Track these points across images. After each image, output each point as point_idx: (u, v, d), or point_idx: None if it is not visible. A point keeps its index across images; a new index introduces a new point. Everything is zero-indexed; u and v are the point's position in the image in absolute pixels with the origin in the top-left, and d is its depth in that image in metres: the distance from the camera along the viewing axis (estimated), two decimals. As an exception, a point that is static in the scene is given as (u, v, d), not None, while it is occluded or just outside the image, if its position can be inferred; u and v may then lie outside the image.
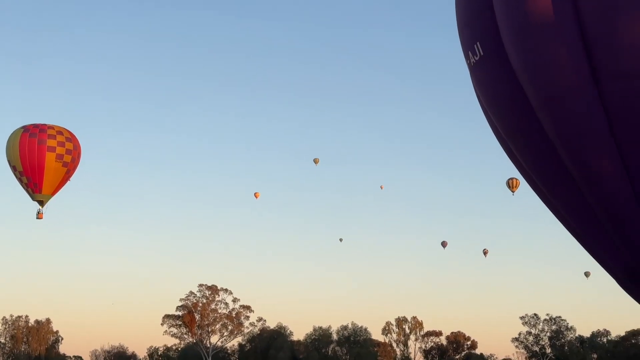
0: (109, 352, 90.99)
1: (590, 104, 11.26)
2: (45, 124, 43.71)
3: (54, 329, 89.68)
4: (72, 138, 43.92)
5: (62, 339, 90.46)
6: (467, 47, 13.15)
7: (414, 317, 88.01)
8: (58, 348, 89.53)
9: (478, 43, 12.72)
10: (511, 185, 48.49)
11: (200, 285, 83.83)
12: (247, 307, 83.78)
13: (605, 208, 11.96)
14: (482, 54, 12.70)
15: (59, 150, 43.10)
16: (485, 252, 62.75)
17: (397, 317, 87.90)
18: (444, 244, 63.89)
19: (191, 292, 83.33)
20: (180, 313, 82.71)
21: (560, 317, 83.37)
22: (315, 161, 65.76)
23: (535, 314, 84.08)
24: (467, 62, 13.44)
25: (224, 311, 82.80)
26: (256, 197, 75.00)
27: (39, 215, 42.85)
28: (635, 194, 11.52)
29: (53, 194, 43.23)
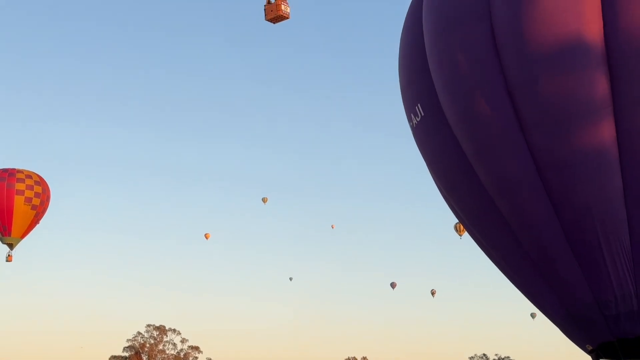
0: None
1: (518, 152, 11.86)
2: (14, 168, 44.44)
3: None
4: (41, 182, 44.74)
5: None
6: (409, 109, 13.90)
7: (364, 358, 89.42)
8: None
9: (419, 104, 13.45)
10: (458, 229, 50.76)
11: (148, 325, 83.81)
12: (196, 348, 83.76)
13: (540, 253, 12.41)
14: (422, 114, 13.40)
15: (28, 193, 43.87)
16: (433, 293, 64.83)
17: (347, 357, 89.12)
18: (393, 285, 65.76)
19: (138, 333, 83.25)
20: (127, 354, 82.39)
21: (508, 357, 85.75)
22: (264, 200, 67.00)
23: (484, 354, 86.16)
24: (410, 124, 14.17)
25: (172, 352, 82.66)
26: (206, 238, 75.66)
27: (8, 258, 43.37)
28: (567, 239, 12.01)
29: (22, 237, 43.84)
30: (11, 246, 44.01)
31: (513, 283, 13.81)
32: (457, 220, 15.07)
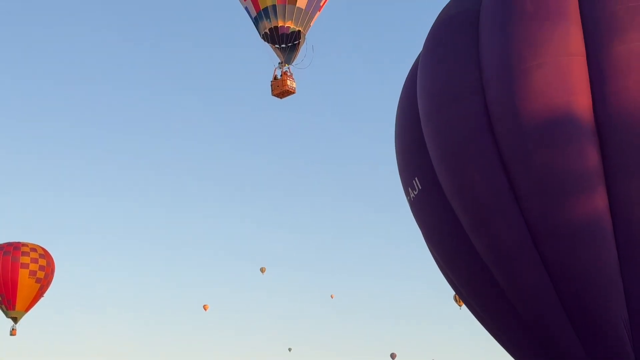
0: None
1: (514, 223, 12.07)
2: (19, 242, 44.71)
3: None
4: (45, 254, 44.92)
5: None
6: (407, 183, 14.20)
7: None
8: None
9: (416, 178, 13.76)
10: (457, 300, 50.55)
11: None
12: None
13: (537, 323, 12.45)
14: (420, 188, 13.70)
15: (32, 266, 44.02)
16: (393, 357, 64.20)
17: None
18: (393, 356, 65.20)
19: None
20: None
21: None
22: (262, 270, 66.77)
23: None
24: (407, 198, 14.43)
25: None
26: (205, 309, 74.94)
27: (12, 332, 43.30)
28: (565, 309, 12.06)
29: (27, 310, 43.85)
30: (15, 320, 43.96)
31: (510, 354, 13.81)
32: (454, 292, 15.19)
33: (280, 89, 22.18)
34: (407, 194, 14.39)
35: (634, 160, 11.53)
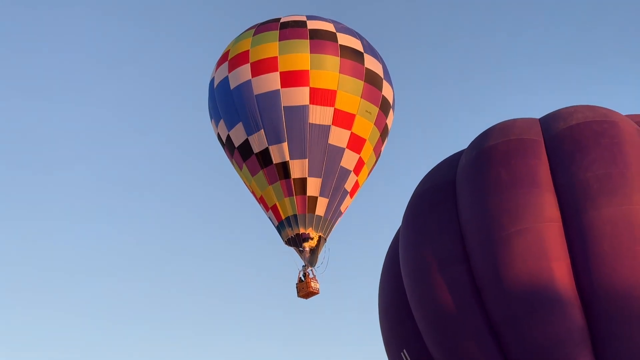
0: None
1: None
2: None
3: None
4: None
5: None
6: (395, 356, 14.13)
7: None
8: None
9: (404, 350, 13.76)
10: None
11: None
12: None
13: None
14: (408, 359, 13.68)
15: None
16: None
17: None
18: None
19: None
20: None
21: None
22: None
23: None
24: None
25: None
26: None
27: None
28: None
29: None
30: None
31: None
32: None
33: (305, 291, 23.37)
34: None
35: (616, 325, 11.72)
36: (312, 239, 22.96)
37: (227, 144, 23.46)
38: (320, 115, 22.34)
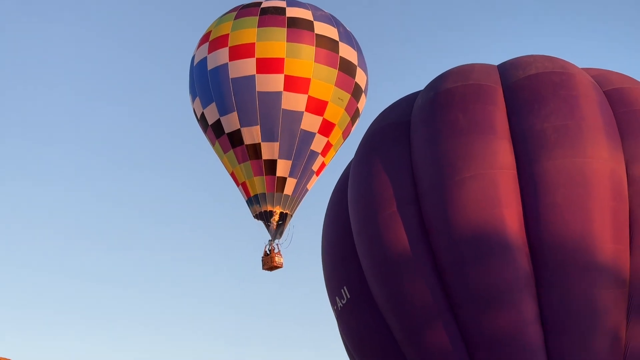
0: None
1: (448, 331, 12.18)
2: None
3: None
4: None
5: None
6: (335, 292, 14.07)
7: None
8: None
9: (345, 287, 13.69)
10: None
11: None
12: None
13: None
14: (348, 296, 13.62)
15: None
16: None
17: None
18: None
19: None
20: None
21: None
22: None
23: None
24: (333, 308, 14.29)
25: None
26: None
27: None
28: None
29: None
30: None
31: None
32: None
33: (269, 265, 25.00)
34: (333, 304, 14.24)
35: (561, 275, 11.91)
36: (277, 214, 24.37)
37: (201, 121, 24.54)
38: (293, 101, 23.37)
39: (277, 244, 25.04)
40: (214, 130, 24.19)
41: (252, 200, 24.49)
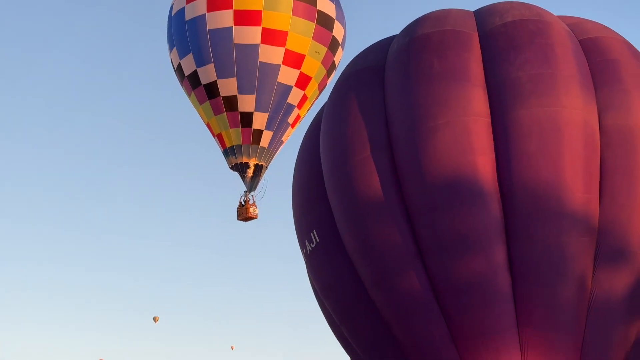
0: None
1: (417, 278, 12.21)
2: None
3: None
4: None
5: None
6: (304, 235, 14.04)
7: None
8: None
9: (314, 231, 13.68)
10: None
11: None
12: None
13: None
14: (318, 240, 13.60)
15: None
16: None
17: None
18: None
19: None
20: None
21: None
22: (155, 319, 62.97)
23: None
24: (302, 251, 14.26)
25: None
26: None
27: None
28: None
29: None
30: None
31: None
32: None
33: (244, 215, 25.45)
34: (302, 247, 14.21)
35: (532, 223, 11.97)
36: (253, 166, 24.76)
37: (178, 72, 24.54)
38: (270, 54, 23.34)
39: (252, 195, 25.45)
40: (190, 81, 24.16)
41: (228, 152, 24.73)
